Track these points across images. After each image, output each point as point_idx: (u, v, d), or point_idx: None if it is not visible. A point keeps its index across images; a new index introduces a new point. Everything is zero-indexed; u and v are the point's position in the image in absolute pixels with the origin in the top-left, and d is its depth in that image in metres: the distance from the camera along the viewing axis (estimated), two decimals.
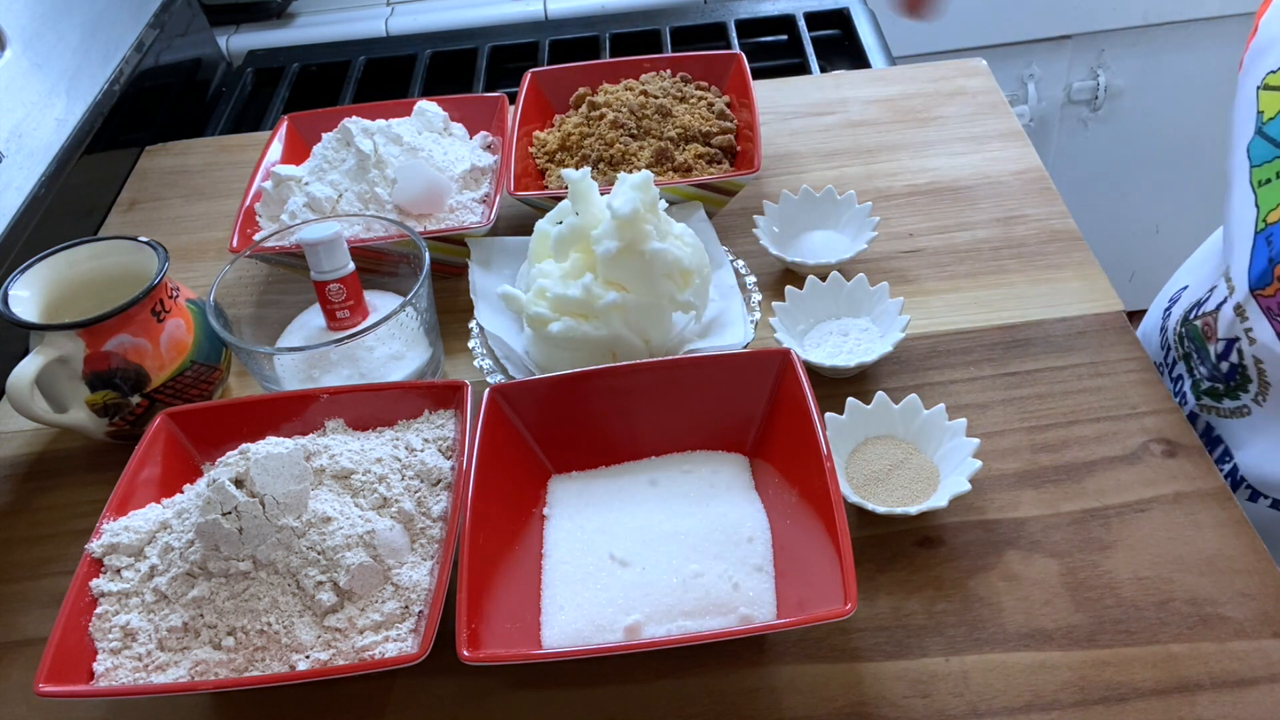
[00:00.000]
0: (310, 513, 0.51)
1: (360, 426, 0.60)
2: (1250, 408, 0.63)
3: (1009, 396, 0.64)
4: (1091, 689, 0.50)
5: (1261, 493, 0.65)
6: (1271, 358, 0.60)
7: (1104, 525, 0.56)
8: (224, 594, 0.50)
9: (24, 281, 0.64)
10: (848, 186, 0.81)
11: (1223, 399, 0.64)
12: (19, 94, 0.82)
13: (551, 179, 0.79)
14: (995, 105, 0.89)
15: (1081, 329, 0.68)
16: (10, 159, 0.80)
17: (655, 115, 0.80)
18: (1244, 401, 0.63)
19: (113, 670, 0.49)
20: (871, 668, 0.51)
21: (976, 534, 0.57)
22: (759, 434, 0.58)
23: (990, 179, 0.81)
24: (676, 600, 0.51)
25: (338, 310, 0.67)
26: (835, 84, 0.94)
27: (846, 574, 0.46)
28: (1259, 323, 0.61)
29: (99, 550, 0.53)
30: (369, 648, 0.49)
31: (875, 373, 0.66)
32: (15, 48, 0.83)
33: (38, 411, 0.63)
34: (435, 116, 0.82)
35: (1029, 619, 0.53)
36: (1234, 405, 0.63)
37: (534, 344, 0.64)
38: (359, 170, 0.75)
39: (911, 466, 0.59)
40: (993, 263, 0.74)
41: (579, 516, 0.56)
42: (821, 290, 0.69)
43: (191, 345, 0.66)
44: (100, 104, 0.92)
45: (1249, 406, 0.63)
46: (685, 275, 0.62)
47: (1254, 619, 0.52)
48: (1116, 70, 1.62)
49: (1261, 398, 0.62)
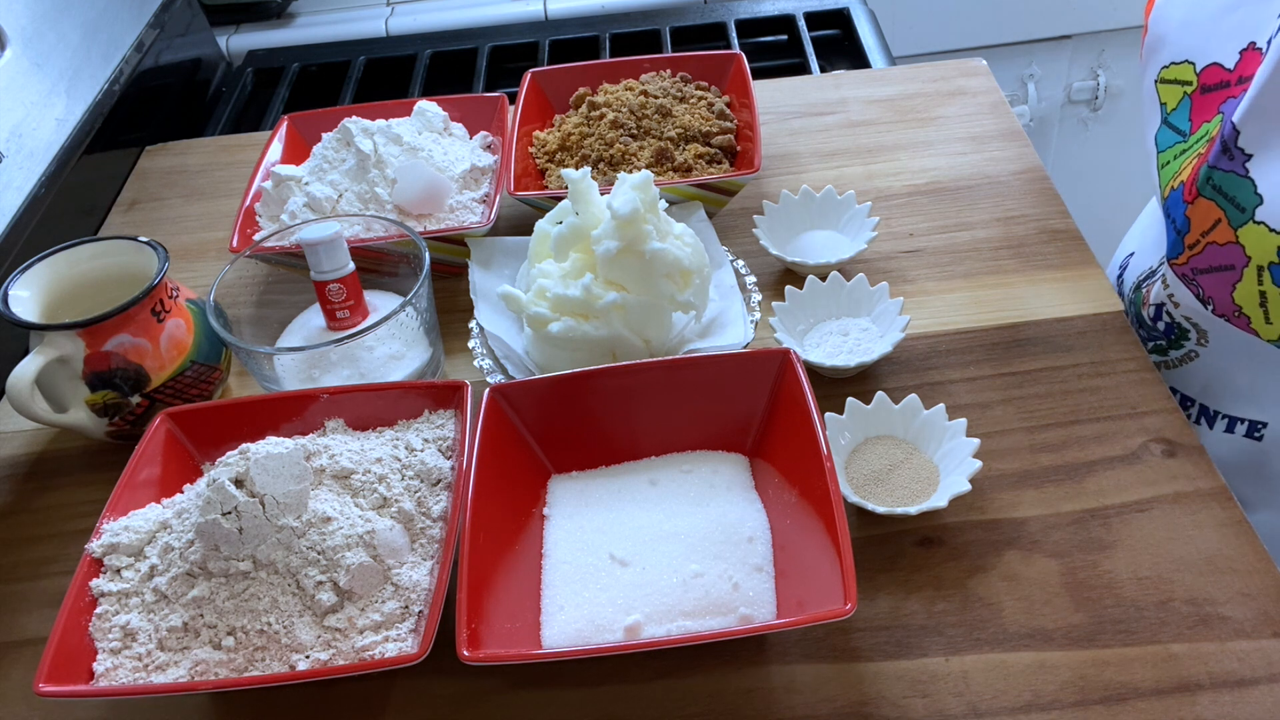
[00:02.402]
0: (310, 513, 0.51)
1: (360, 426, 0.60)
2: (1196, 351, 0.66)
3: (1009, 396, 0.64)
4: (1091, 689, 0.50)
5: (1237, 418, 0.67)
6: (1199, 315, 0.64)
7: (1104, 525, 0.56)
8: (224, 594, 0.50)
9: (24, 281, 0.64)
10: (848, 186, 0.81)
11: (1168, 352, 0.67)
12: (19, 94, 0.82)
13: (551, 179, 0.79)
14: (995, 105, 0.89)
15: (1081, 329, 0.68)
16: (10, 159, 0.80)
17: (655, 115, 0.80)
18: (1188, 348, 0.66)
19: (113, 670, 0.49)
20: (871, 668, 0.51)
21: (976, 534, 0.57)
22: (759, 434, 0.58)
23: (990, 179, 0.81)
24: (676, 600, 0.51)
25: (338, 310, 0.67)
26: (835, 84, 0.94)
27: (846, 574, 0.46)
28: (1179, 289, 0.64)
29: (99, 550, 0.53)
30: (369, 648, 0.49)
31: (875, 373, 0.66)
32: (15, 48, 0.83)
33: (38, 411, 0.63)
34: (435, 116, 0.82)
35: (1029, 619, 0.53)
36: (1180, 354, 0.67)
37: (534, 344, 0.64)
38: (359, 170, 0.75)
39: (911, 466, 0.59)
40: (992, 262, 0.74)
41: (579, 516, 0.56)
42: (821, 290, 0.69)
43: (191, 345, 0.66)
44: (100, 104, 0.92)
45: (1195, 351, 0.66)
46: (685, 275, 0.62)
47: (1254, 619, 0.52)
48: (1116, 70, 1.62)
49: (1203, 341, 0.65)
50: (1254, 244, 0.58)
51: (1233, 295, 0.60)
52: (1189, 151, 0.65)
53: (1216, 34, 0.64)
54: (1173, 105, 0.67)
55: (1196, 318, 0.65)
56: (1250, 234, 0.58)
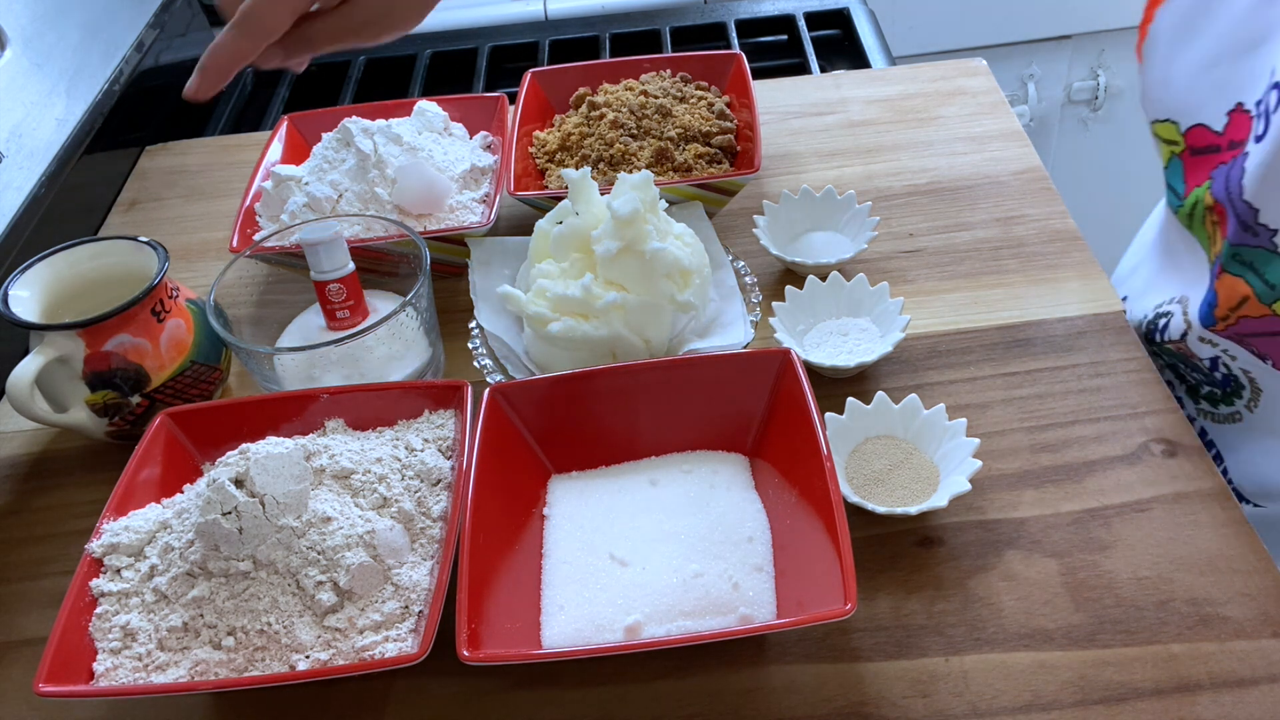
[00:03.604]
0: (310, 513, 0.51)
1: (360, 426, 0.60)
2: (1242, 414, 0.63)
3: (1009, 396, 0.64)
4: (1091, 689, 0.50)
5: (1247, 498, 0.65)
6: (1258, 369, 0.61)
7: (1104, 525, 0.56)
8: (224, 594, 0.50)
9: (24, 281, 0.64)
10: (848, 186, 0.81)
11: (1219, 404, 0.64)
12: (19, 94, 0.82)
13: (551, 179, 0.79)
14: (995, 105, 0.89)
15: (1081, 329, 0.68)
16: (10, 159, 0.80)
17: (655, 115, 0.80)
18: (1237, 408, 0.63)
19: (113, 670, 0.49)
20: (871, 668, 0.51)
21: (976, 534, 0.57)
22: (759, 434, 0.58)
23: (990, 179, 0.81)
24: (676, 600, 0.51)
25: (338, 310, 0.67)
26: (835, 84, 0.94)
27: (846, 574, 0.46)
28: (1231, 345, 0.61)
29: (99, 550, 0.53)
30: (369, 648, 0.49)
31: (875, 373, 0.66)
32: (15, 48, 0.83)
33: (38, 411, 0.63)
34: (435, 116, 0.81)
35: (1029, 619, 0.53)
36: (1228, 411, 0.64)
37: (534, 344, 0.64)
38: (359, 170, 0.75)
39: (911, 466, 0.59)
40: (992, 263, 0.74)
41: (579, 516, 0.56)
42: (821, 290, 0.69)
43: (191, 345, 0.66)
44: (100, 104, 0.92)
45: (1241, 413, 0.64)
46: (685, 275, 0.62)
47: (1254, 619, 0.52)
48: (1116, 70, 1.62)
49: (1253, 404, 0.62)
50: None
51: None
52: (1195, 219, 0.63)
53: (1196, 93, 0.62)
54: (1165, 161, 0.66)
55: (1255, 372, 0.61)
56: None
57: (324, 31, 0.56)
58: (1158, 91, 0.64)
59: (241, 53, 0.54)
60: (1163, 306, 0.66)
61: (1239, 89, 0.59)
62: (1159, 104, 0.64)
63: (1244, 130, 0.58)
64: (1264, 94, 0.55)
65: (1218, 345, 0.62)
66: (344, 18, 0.55)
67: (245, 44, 0.54)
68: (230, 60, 0.55)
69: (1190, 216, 0.63)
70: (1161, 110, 0.64)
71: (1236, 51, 0.58)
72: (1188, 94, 0.62)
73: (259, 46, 0.54)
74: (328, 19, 0.55)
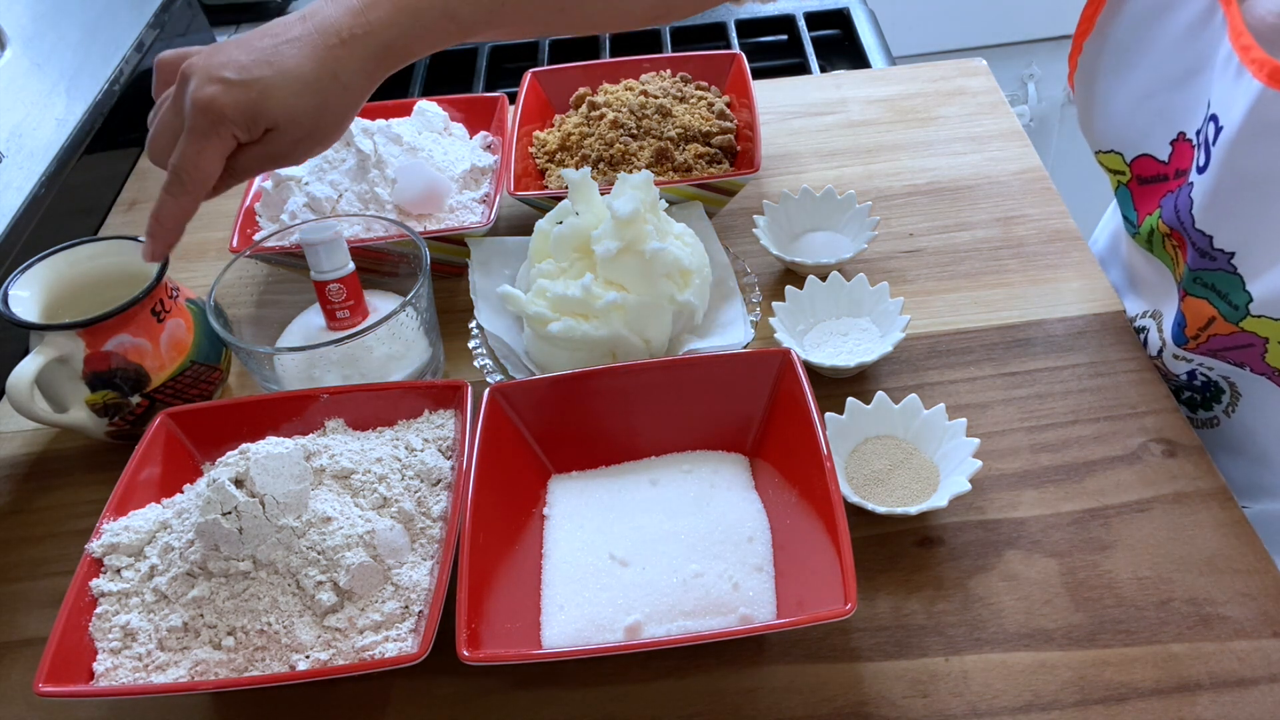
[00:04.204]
0: (310, 513, 0.51)
1: (360, 426, 0.60)
2: (1220, 418, 0.64)
3: (1009, 396, 0.64)
4: (1091, 689, 0.50)
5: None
6: (1236, 374, 0.61)
7: (1104, 525, 0.56)
8: (224, 594, 0.50)
9: (24, 281, 0.64)
10: (848, 186, 0.81)
11: (1198, 410, 0.65)
12: (19, 94, 0.82)
13: (551, 179, 0.79)
14: (995, 105, 0.89)
15: (1081, 329, 0.68)
16: (10, 159, 0.80)
17: (655, 115, 0.80)
18: (1215, 413, 0.64)
19: (113, 670, 0.49)
20: (871, 668, 0.51)
21: (976, 534, 0.57)
22: (759, 434, 0.58)
23: (990, 179, 0.81)
24: (676, 600, 0.51)
25: (338, 310, 0.67)
26: (835, 84, 0.94)
27: (846, 574, 0.46)
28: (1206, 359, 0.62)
29: (99, 550, 0.53)
30: (369, 648, 0.49)
31: (875, 373, 0.66)
32: (15, 48, 0.83)
33: (38, 411, 0.63)
34: (435, 116, 0.82)
35: (1029, 619, 0.53)
36: (1207, 416, 0.64)
37: (534, 344, 0.64)
38: (359, 170, 0.75)
39: (911, 466, 0.59)
40: (992, 263, 0.74)
41: (579, 516, 0.56)
42: (821, 290, 0.69)
43: (191, 345, 0.66)
44: (100, 104, 0.92)
45: (1219, 418, 0.64)
46: (685, 275, 0.62)
47: (1254, 619, 0.52)
48: None
49: (1231, 409, 0.63)
50: (1263, 329, 0.55)
51: (1265, 358, 0.57)
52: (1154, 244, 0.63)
53: (1137, 123, 0.62)
54: (1114, 189, 0.66)
55: (1234, 377, 0.61)
56: (1253, 324, 0.55)
57: (251, 161, 0.57)
58: (1100, 123, 0.64)
59: (184, 210, 0.56)
60: (1137, 321, 0.67)
61: (1180, 118, 0.59)
62: (1101, 135, 0.65)
63: (1188, 159, 0.58)
64: (1202, 124, 0.56)
65: (1193, 361, 0.62)
66: (269, 145, 0.56)
67: (186, 201, 0.56)
68: (176, 221, 0.57)
69: (1150, 242, 0.64)
70: (1105, 141, 0.65)
71: (1172, 82, 0.59)
72: (1129, 125, 0.62)
73: (199, 199, 0.56)
74: (253, 150, 0.56)
